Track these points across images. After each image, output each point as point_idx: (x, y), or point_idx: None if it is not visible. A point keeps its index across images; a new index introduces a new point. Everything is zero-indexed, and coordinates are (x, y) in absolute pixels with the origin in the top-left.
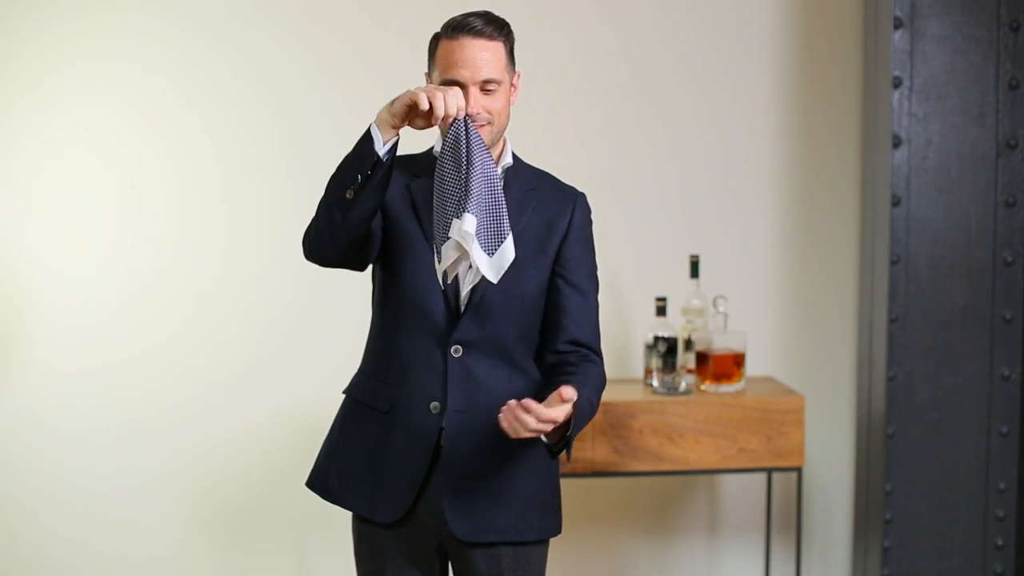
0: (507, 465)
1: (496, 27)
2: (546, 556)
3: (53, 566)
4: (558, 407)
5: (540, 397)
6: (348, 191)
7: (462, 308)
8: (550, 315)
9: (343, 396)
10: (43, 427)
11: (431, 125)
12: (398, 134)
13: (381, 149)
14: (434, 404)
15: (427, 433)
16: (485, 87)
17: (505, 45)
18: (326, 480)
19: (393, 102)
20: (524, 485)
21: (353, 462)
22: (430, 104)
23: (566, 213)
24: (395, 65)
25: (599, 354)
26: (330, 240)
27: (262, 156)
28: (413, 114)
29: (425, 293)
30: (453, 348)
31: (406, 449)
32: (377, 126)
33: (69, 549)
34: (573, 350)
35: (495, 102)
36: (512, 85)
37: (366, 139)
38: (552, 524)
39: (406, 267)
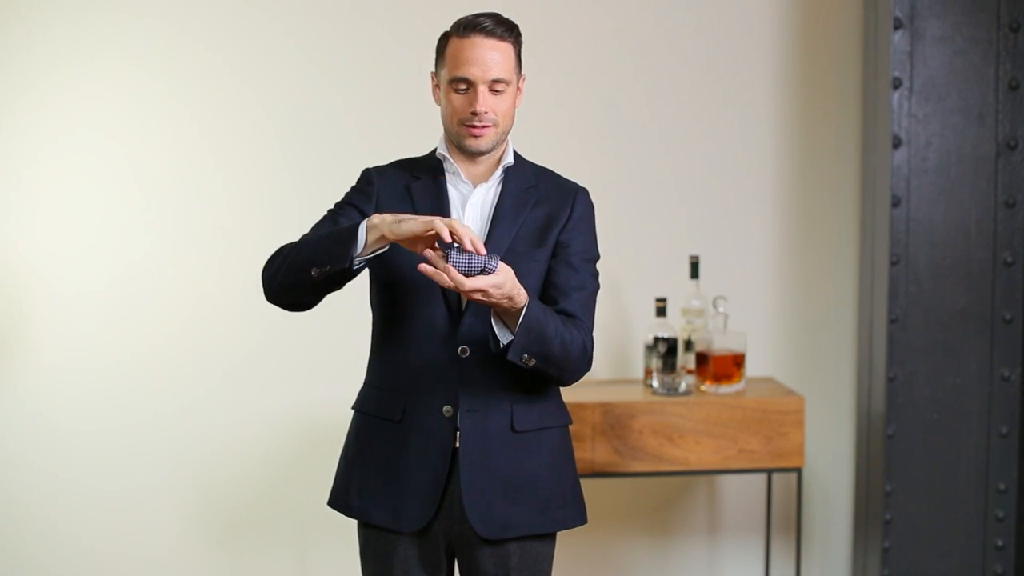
0: (523, 459)
1: (507, 28)
2: (553, 555)
3: (53, 566)
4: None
5: (555, 389)
6: (314, 270)
7: (463, 308)
8: (543, 291)
9: (352, 412)
10: (44, 427)
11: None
12: (387, 246)
13: (357, 258)
14: (447, 408)
15: (443, 438)
16: (493, 87)
17: (514, 47)
18: (348, 497)
19: (401, 222)
20: (541, 478)
21: (372, 476)
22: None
23: (566, 207)
24: (397, 67)
25: (587, 325)
26: (288, 294)
27: (263, 156)
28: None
29: (426, 298)
30: (460, 348)
31: (424, 457)
32: (367, 231)
33: (69, 549)
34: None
35: (501, 103)
36: (518, 88)
37: (351, 236)
38: (575, 514)
39: (406, 273)
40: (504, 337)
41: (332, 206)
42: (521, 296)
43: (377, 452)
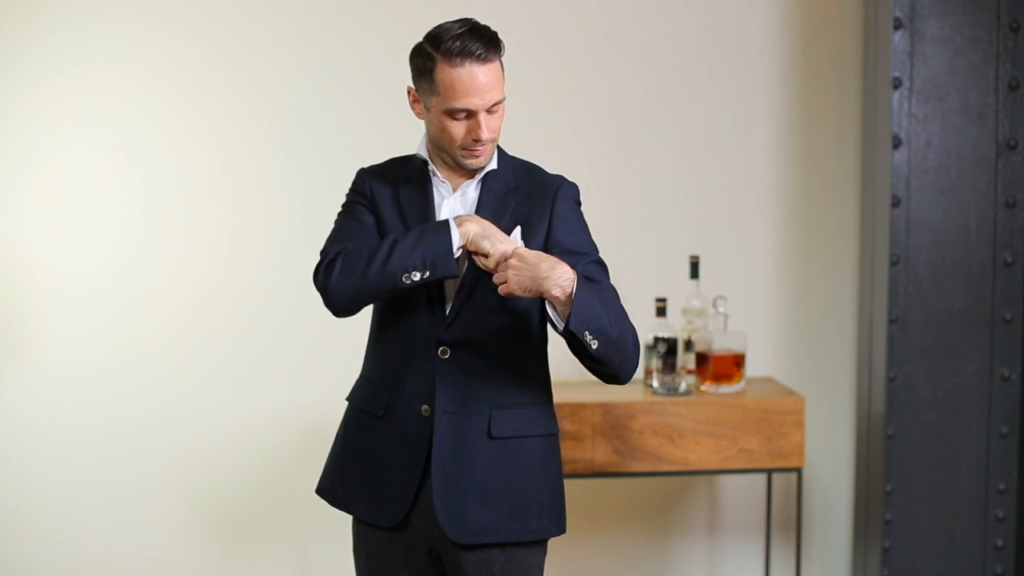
0: (499, 466)
1: (495, 48)
2: (542, 560)
3: (51, 565)
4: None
5: (542, 397)
6: (408, 276)
7: (447, 310)
8: None
9: (346, 402)
10: (41, 428)
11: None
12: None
13: (456, 269)
14: (424, 407)
15: (420, 437)
16: (492, 108)
17: (501, 60)
18: (333, 486)
19: (483, 240)
20: (519, 485)
21: (356, 468)
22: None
23: (546, 206)
24: (396, 66)
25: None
26: (368, 301)
27: (263, 155)
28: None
29: (411, 297)
30: (440, 350)
31: (401, 454)
32: (459, 230)
33: (67, 550)
34: None
35: (497, 119)
36: None
37: (448, 243)
38: (551, 524)
39: None
40: (559, 324)
41: (341, 207)
42: (565, 278)
43: (361, 445)
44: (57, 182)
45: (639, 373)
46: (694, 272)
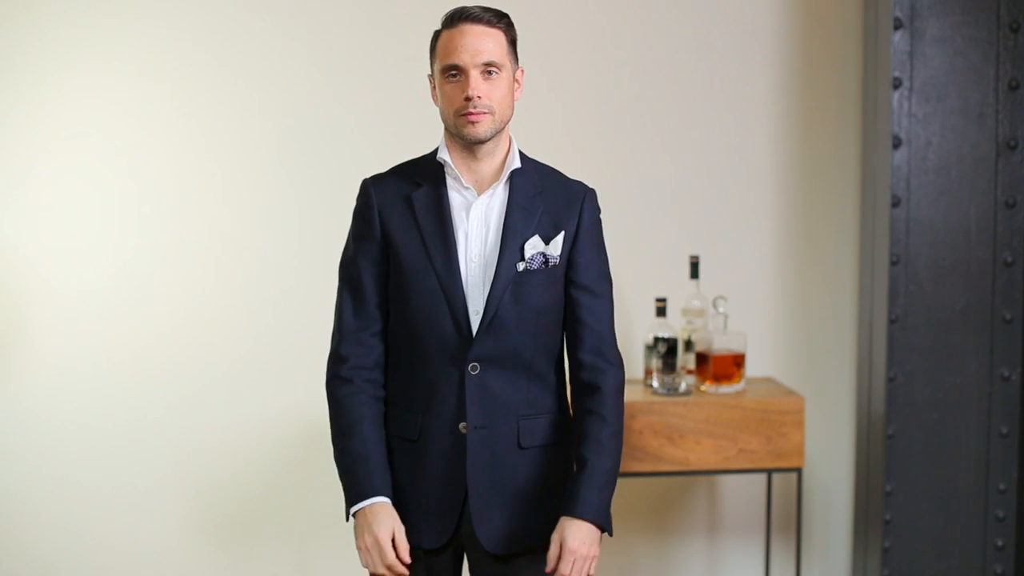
0: (529, 475)
1: (495, 15)
2: None
3: (52, 565)
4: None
5: (561, 404)
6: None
7: (474, 327)
8: (568, 324)
9: None
10: (42, 426)
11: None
12: None
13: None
14: (462, 424)
15: (457, 455)
16: (486, 72)
17: (506, 34)
18: None
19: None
20: (545, 492)
21: (394, 495)
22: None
23: (573, 216)
24: (397, 68)
25: (614, 359)
26: None
27: (260, 155)
28: None
29: (433, 317)
30: (470, 366)
31: (441, 474)
32: (354, 513)
33: (68, 548)
34: (590, 362)
35: (496, 89)
36: (515, 80)
37: (348, 497)
38: None
39: (411, 297)
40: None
41: (344, 255)
42: (592, 532)
43: (397, 472)
44: (57, 185)
45: (639, 373)
46: (694, 272)
